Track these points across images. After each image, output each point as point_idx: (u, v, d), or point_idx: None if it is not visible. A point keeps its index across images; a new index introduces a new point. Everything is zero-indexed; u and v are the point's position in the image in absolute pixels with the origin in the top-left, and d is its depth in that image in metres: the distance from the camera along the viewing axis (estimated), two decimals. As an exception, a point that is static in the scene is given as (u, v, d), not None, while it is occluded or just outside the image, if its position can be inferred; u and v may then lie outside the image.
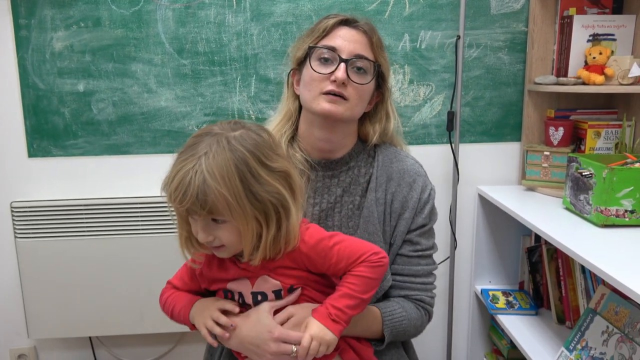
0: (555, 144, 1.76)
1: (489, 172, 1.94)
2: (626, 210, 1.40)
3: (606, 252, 1.25)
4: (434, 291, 1.22)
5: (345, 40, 1.10)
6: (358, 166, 1.20)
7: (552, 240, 1.36)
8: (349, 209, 1.17)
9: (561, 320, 1.69)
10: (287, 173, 0.95)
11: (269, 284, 0.99)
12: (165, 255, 1.77)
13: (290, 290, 1.01)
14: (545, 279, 1.74)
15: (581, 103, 1.83)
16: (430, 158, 1.91)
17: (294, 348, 0.96)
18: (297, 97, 1.18)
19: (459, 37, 1.77)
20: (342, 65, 1.08)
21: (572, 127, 1.75)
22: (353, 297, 0.97)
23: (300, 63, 1.15)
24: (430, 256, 1.21)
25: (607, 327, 1.34)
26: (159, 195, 0.94)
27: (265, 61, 1.82)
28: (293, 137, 1.21)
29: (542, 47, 1.81)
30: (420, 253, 1.17)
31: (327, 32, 1.12)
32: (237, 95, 1.84)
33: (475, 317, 1.99)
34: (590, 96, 1.81)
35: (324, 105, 1.08)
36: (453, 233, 1.90)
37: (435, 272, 1.22)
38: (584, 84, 1.67)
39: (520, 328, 1.69)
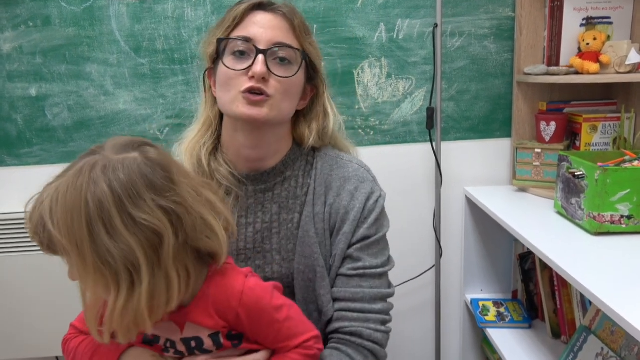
0: (547, 140, 1.60)
1: (478, 172, 1.79)
2: (622, 216, 1.24)
3: (599, 267, 1.09)
4: (385, 325, 0.98)
5: (262, 28, 0.94)
6: (295, 176, 1.03)
7: (539, 253, 1.21)
8: (287, 228, 1.00)
9: (556, 335, 1.54)
10: (156, 231, 0.70)
11: (202, 328, 0.82)
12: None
13: (230, 336, 0.84)
14: (539, 288, 1.59)
15: (576, 94, 1.66)
16: (412, 158, 1.76)
17: None
18: (216, 100, 1.01)
19: (436, 25, 1.61)
20: (260, 57, 0.91)
21: (565, 121, 1.59)
22: None
23: (215, 60, 0.99)
24: (378, 276, 0.98)
25: (602, 349, 1.19)
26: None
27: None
28: (216, 148, 1.04)
29: (531, 34, 1.64)
30: (361, 272, 0.96)
31: (239, 20, 0.96)
32: (200, 95, 1.70)
33: (467, 329, 1.85)
34: (585, 87, 1.65)
35: (243, 109, 0.92)
36: (438, 239, 1.75)
37: (389, 298, 1.00)
38: (577, 73, 1.50)
39: (511, 343, 1.54)
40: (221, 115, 1.03)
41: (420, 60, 1.70)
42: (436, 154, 1.70)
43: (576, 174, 1.31)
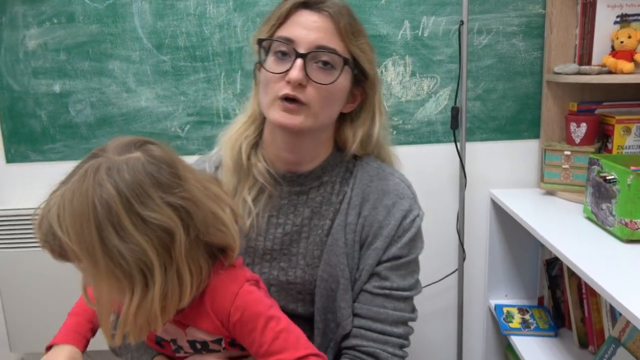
0: (577, 142, 1.54)
1: (504, 174, 1.73)
2: (656, 223, 1.18)
3: (629, 276, 1.04)
4: (403, 349, 0.94)
5: (305, 29, 0.89)
6: (332, 182, 0.99)
7: (567, 260, 1.16)
8: (317, 234, 0.97)
9: (584, 344, 1.49)
10: (166, 229, 0.69)
11: (203, 333, 0.81)
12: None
13: (232, 344, 0.82)
14: (566, 296, 1.53)
15: (608, 95, 1.60)
16: (436, 158, 1.72)
17: None
18: None
19: (462, 22, 1.56)
20: (299, 61, 0.87)
21: (597, 122, 1.53)
22: None
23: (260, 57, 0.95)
24: (403, 299, 0.94)
25: (632, 362, 1.13)
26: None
27: (251, 55, 1.65)
28: (257, 144, 1.02)
29: (562, 31, 1.58)
30: (387, 292, 0.92)
31: (283, 19, 0.91)
32: (222, 93, 1.69)
33: (490, 335, 1.79)
34: (619, 87, 1.58)
35: (278, 115, 0.89)
36: (461, 242, 1.71)
37: (411, 323, 0.95)
38: (610, 72, 1.44)
39: (536, 352, 1.49)
40: None
41: (446, 58, 1.65)
42: (460, 155, 1.65)
43: (607, 178, 1.25)
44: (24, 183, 1.77)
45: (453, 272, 1.75)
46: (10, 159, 1.75)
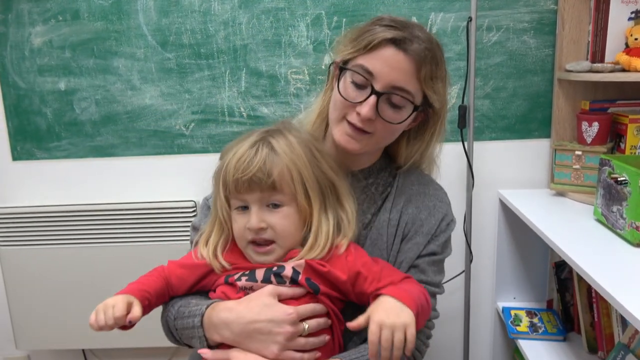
0: (588, 142, 1.49)
1: (513, 174, 1.69)
2: (668, 227, 1.14)
3: (639, 283, 1.01)
4: (428, 340, 1.03)
5: (387, 66, 0.90)
6: (376, 184, 1.05)
7: (575, 265, 1.12)
8: (357, 227, 1.00)
9: (593, 349, 1.45)
10: (335, 173, 0.94)
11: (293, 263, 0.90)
12: (156, 263, 1.64)
13: (312, 286, 0.89)
14: (576, 299, 1.49)
15: (621, 93, 1.55)
16: (443, 158, 1.64)
17: (306, 325, 0.86)
18: None
19: (470, 19, 1.52)
20: (372, 99, 0.90)
21: (609, 121, 1.48)
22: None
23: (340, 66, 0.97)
24: (433, 296, 1.01)
25: (642, 370, 1.10)
26: (149, 200, 0.96)
27: (256, 52, 1.64)
28: (324, 136, 1.06)
29: (574, 28, 1.54)
30: (424, 286, 0.96)
31: (371, 48, 0.91)
32: (227, 91, 1.67)
33: (498, 338, 1.76)
34: (632, 85, 1.53)
35: (341, 137, 0.95)
36: (468, 244, 1.67)
37: (435, 320, 1.04)
38: (623, 70, 1.40)
39: (543, 357, 1.45)
40: None
41: (454, 55, 1.62)
42: (467, 155, 1.62)
43: (619, 179, 1.21)
44: (30, 180, 1.78)
45: (460, 273, 1.71)
46: (16, 156, 1.76)
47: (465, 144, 1.62)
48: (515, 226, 1.65)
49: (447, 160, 1.68)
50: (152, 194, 1.73)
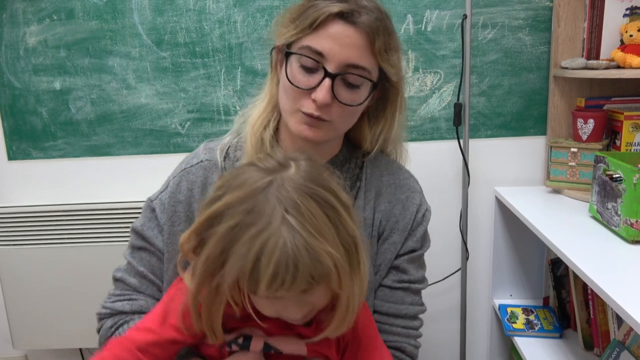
0: (584, 139, 1.49)
1: (509, 172, 1.70)
2: (663, 224, 1.14)
3: (634, 280, 1.01)
4: (418, 339, 0.99)
5: (337, 44, 0.81)
6: (343, 178, 0.93)
7: (570, 262, 1.12)
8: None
9: (589, 346, 1.45)
10: (351, 206, 0.73)
11: (294, 345, 0.77)
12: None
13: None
14: (572, 296, 1.50)
15: (617, 90, 1.55)
16: (439, 155, 1.69)
17: None
18: None
19: (465, 16, 1.52)
20: (326, 82, 0.81)
21: (605, 118, 1.49)
22: None
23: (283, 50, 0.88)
24: (418, 292, 0.99)
25: (637, 367, 1.10)
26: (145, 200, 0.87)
27: (251, 51, 1.64)
28: (277, 129, 0.95)
29: (569, 25, 1.54)
30: (406, 285, 0.95)
31: (317, 25, 0.81)
32: (222, 90, 1.67)
33: (495, 335, 1.76)
34: (628, 82, 1.53)
35: (298, 127, 0.86)
36: (464, 241, 1.67)
37: (421, 315, 1.00)
38: (619, 67, 1.40)
39: (539, 354, 1.46)
40: None
41: (450, 53, 1.61)
42: (463, 152, 1.62)
43: (613, 176, 1.21)
44: (26, 180, 1.77)
45: (456, 271, 1.72)
46: (11, 156, 1.75)
47: (461, 141, 1.62)
48: (511, 223, 1.65)
49: (442, 158, 1.70)
50: (148, 194, 1.72)
